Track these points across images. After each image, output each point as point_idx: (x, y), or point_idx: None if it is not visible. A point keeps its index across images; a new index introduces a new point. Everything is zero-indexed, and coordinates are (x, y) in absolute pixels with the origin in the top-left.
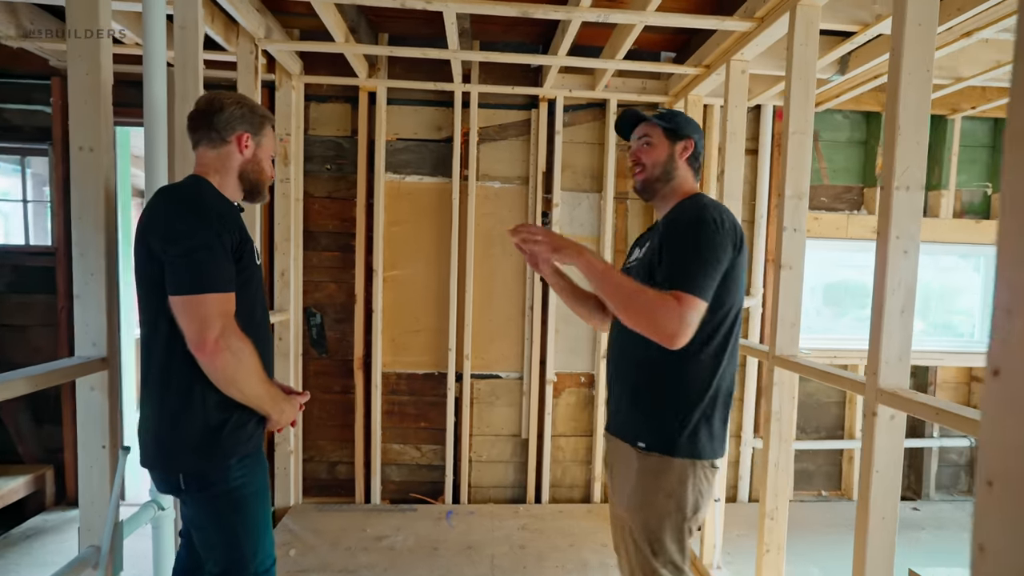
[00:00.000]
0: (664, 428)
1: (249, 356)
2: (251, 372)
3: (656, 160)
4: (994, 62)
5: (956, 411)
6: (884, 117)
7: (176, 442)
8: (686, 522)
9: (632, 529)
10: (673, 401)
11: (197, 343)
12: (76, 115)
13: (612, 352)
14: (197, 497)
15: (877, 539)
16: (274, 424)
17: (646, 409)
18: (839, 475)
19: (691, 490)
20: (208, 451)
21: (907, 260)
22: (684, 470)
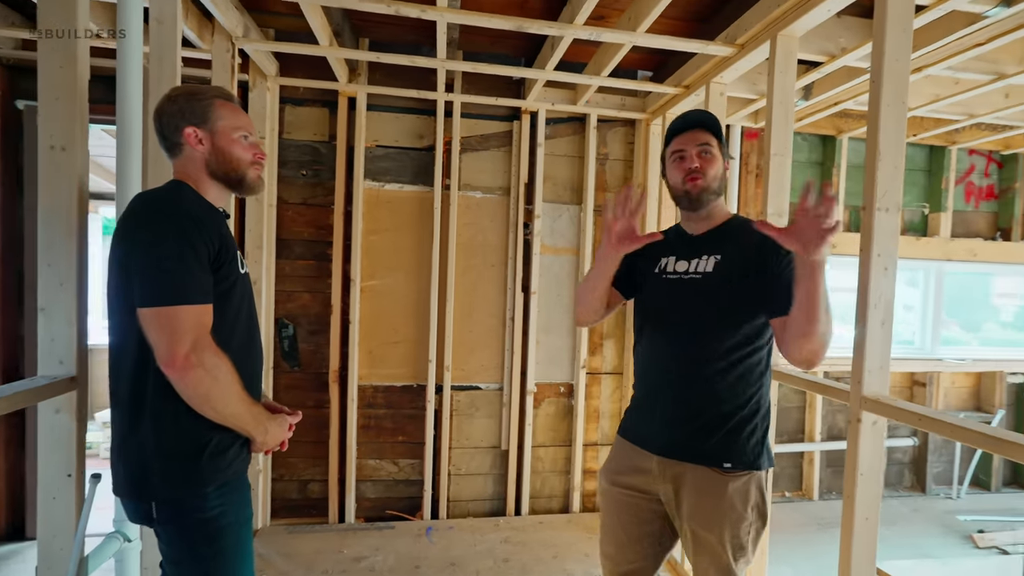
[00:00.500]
0: (747, 447)
1: (226, 373)
2: (227, 390)
3: (716, 172)
4: (933, 95)
5: (938, 417)
6: (866, 144)
7: (149, 467)
8: (765, 525)
9: (710, 542)
10: (750, 420)
11: (166, 359)
12: (47, 111)
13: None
14: (169, 528)
15: (862, 538)
16: (259, 446)
17: (729, 431)
18: (800, 476)
19: (767, 497)
20: (184, 478)
21: (887, 276)
22: (761, 481)
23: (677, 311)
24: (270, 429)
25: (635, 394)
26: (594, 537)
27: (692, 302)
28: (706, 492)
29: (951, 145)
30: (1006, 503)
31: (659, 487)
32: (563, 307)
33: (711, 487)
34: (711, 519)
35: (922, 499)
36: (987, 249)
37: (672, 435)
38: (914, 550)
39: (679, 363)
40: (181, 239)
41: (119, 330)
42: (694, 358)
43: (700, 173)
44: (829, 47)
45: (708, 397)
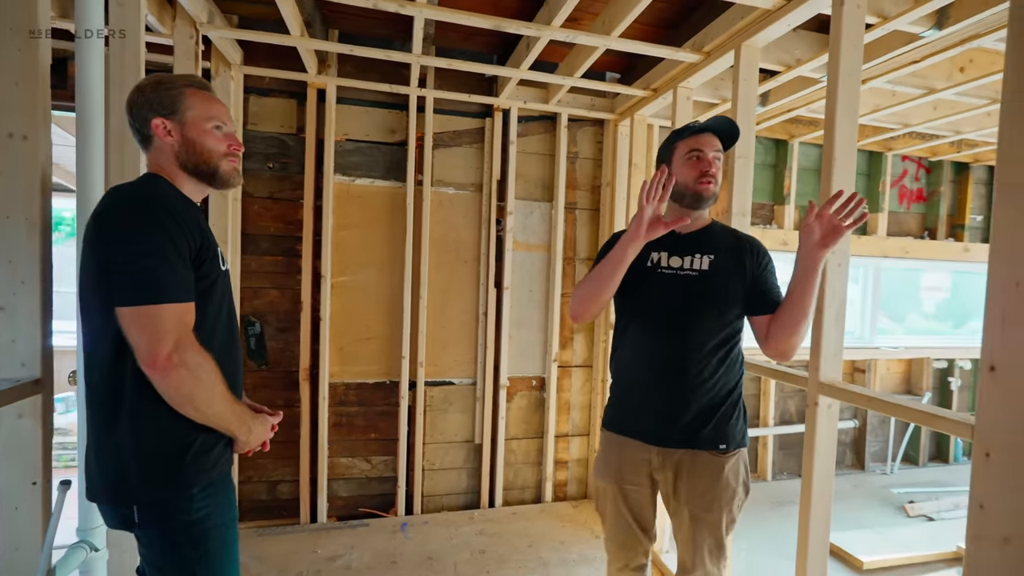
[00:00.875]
0: (735, 429)
1: (209, 372)
2: (211, 390)
3: (720, 179)
4: (873, 106)
5: (885, 398)
6: (823, 150)
7: (128, 470)
8: (747, 497)
9: (709, 521)
10: (736, 404)
11: (147, 359)
12: (5, 97)
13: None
14: (151, 532)
15: (818, 510)
16: (242, 446)
17: (721, 417)
18: (755, 459)
19: (749, 471)
20: (167, 479)
21: (840, 273)
22: (745, 457)
23: (671, 306)
24: (253, 428)
25: (619, 387)
26: (567, 526)
27: (686, 298)
28: (704, 475)
29: (887, 151)
30: (932, 476)
31: (659, 475)
32: (535, 302)
33: (709, 470)
34: (711, 501)
35: (861, 475)
36: (917, 247)
37: (670, 425)
38: (855, 522)
39: (672, 355)
40: (161, 235)
41: (93, 329)
42: (688, 351)
43: (713, 178)
44: (785, 58)
45: (701, 387)
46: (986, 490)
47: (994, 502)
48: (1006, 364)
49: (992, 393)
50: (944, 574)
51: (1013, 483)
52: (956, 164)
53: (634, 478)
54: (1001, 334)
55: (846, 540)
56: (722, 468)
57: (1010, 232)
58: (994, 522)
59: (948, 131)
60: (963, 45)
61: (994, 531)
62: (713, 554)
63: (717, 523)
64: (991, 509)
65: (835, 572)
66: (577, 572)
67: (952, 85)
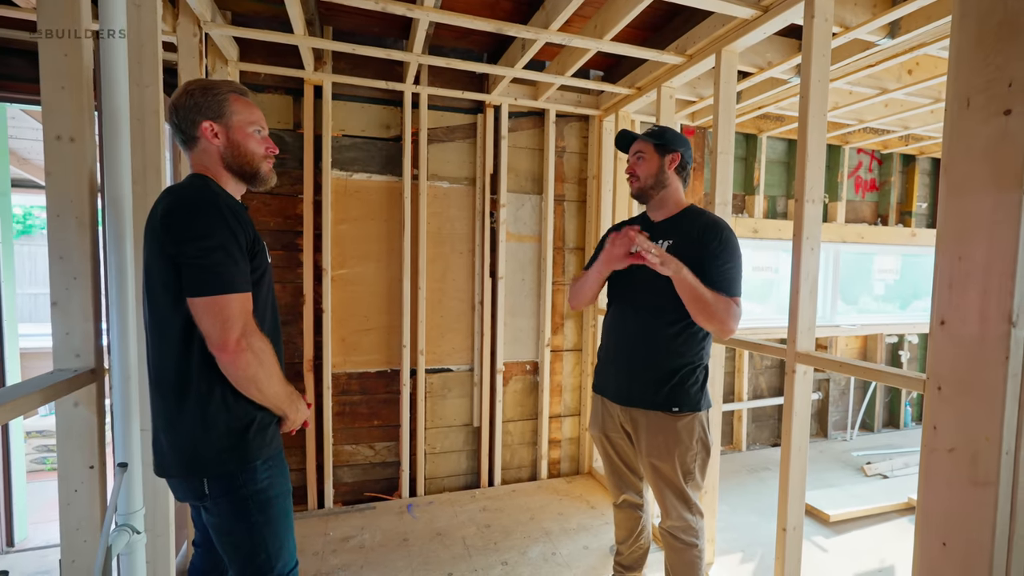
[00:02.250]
0: (690, 393)
1: (269, 356)
2: (271, 372)
3: (648, 172)
4: (833, 104)
5: (853, 363)
6: (796, 149)
7: (201, 446)
8: (708, 455)
9: (665, 470)
10: (693, 373)
11: (219, 344)
12: (52, 101)
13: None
14: (221, 501)
15: (796, 464)
16: (290, 424)
17: (676, 383)
18: (731, 432)
19: (709, 432)
20: (235, 453)
21: (812, 256)
22: (703, 420)
23: (634, 286)
24: (300, 409)
25: (599, 355)
26: (564, 499)
27: (645, 280)
28: (660, 431)
29: (845, 145)
30: (885, 440)
31: (627, 427)
32: (527, 291)
33: (663, 426)
34: (664, 452)
35: (825, 443)
36: (871, 232)
37: (630, 389)
38: (821, 482)
39: (633, 330)
40: (225, 231)
41: (162, 320)
42: (644, 326)
43: (636, 176)
44: (758, 61)
45: (655, 357)
46: (937, 415)
47: (943, 423)
48: (952, 318)
49: (942, 341)
50: (898, 521)
51: (957, 408)
52: (904, 156)
53: (613, 427)
54: (948, 295)
55: (814, 498)
56: (674, 425)
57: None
58: (943, 438)
59: (898, 127)
60: (912, 52)
61: (943, 444)
62: (677, 504)
63: (672, 472)
64: (941, 429)
65: (806, 526)
66: (578, 539)
67: (902, 86)
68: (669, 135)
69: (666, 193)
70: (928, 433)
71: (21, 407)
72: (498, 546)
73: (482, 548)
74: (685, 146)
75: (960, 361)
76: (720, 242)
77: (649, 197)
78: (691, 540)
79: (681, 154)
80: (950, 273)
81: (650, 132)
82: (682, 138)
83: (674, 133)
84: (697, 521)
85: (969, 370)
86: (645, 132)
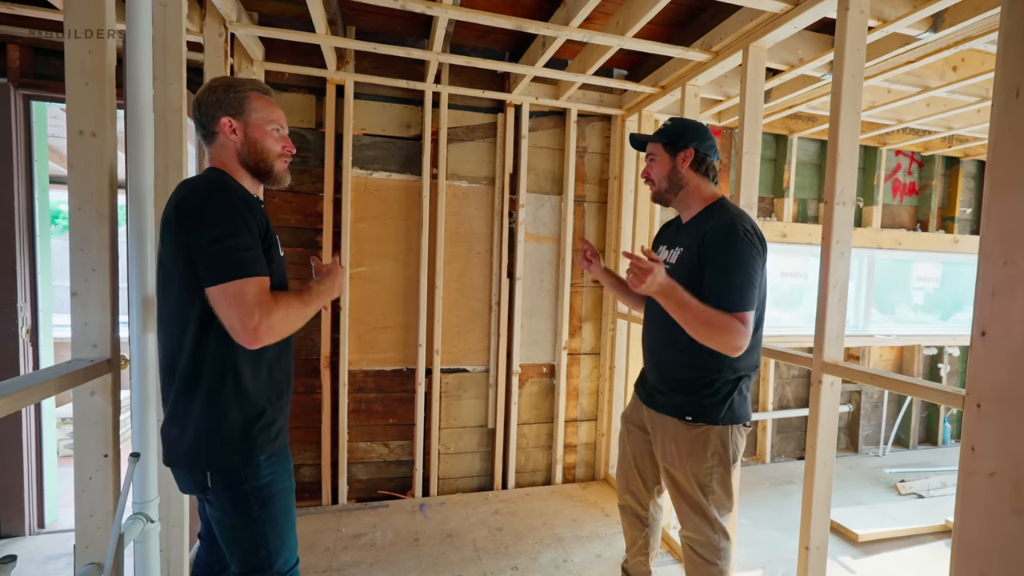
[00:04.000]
0: (705, 404)
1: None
2: (298, 319)
3: (660, 174)
4: (869, 103)
5: (885, 375)
6: (827, 148)
7: (205, 439)
8: (728, 472)
9: (678, 478)
10: (711, 384)
11: (240, 333)
12: (76, 97)
13: (653, 345)
14: (223, 495)
15: (821, 480)
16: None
17: (692, 392)
18: (755, 443)
19: (729, 447)
20: (238, 447)
21: (843, 260)
22: (723, 433)
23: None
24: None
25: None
26: (578, 505)
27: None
28: (673, 438)
29: (882, 146)
30: (921, 457)
31: (648, 427)
32: (545, 292)
33: (677, 434)
34: (676, 460)
35: (855, 457)
36: (909, 238)
37: (651, 392)
38: (850, 499)
39: (656, 337)
40: (237, 218)
41: (177, 311)
42: (662, 334)
43: (650, 180)
44: (789, 57)
45: (675, 365)
46: (977, 435)
47: (983, 444)
48: (994, 329)
49: (982, 354)
50: (934, 545)
51: (999, 428)
52: (947, 158)
53: (636, 422)
54: (991, 305)
55: (842, 515)
56: (687, 435)
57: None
58: (982, 460)
59: (940, 127)
60: (956, 47)
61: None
62: (694, 516)
63: (686, 482)
64: (980, 450)
65: (832, 545)
66: (590, 547)
67: (945, 84)
68: (676, 131)
69: (686, 193)
70: (966, 454)
71: (39, 393)
72: (509, 550)
73: (493, 551)
74: (699, 139)
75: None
76: (722, 248)
77: (668, 200)
78: (711, 558)
79: (695, 149)
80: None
81: (659, 131)
82: (694, 130)
83: (683, 127)
84: (719, 540)
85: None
86: (655, 132)
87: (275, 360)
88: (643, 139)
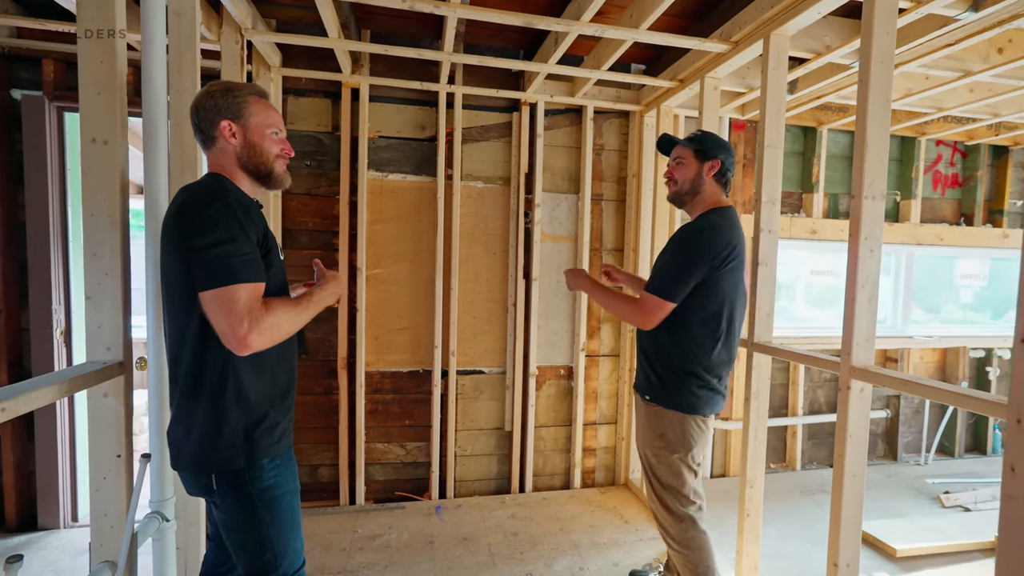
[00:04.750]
0: (662, 388)
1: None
2: (290, 325)
3: (685, 177)
4: (906, 90)
5: (918, 381)
6: (855, 138)
7: (208, 443)
8: (675, 457)
9: (642, 453)
10: (675, 372)
11: (230, 340)
12: (89, 106)
13: (638, 334)
14: (228, 497)
15: (850, 493)
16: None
17: (651, 375)
18: (784, 449)
19: (681, 434)
20: (241, 451)
21: (872, 258)
22: (673, 418)
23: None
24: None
25: None
26: (596, 510)
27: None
28: (637, 416)
29: (921, 136)
30: (968, 467)
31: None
32: (563, 293)
33: (639, 412)
34: (638, 436)
35: (894, 466)
36: (952, 234)
37: (637, 375)
38: (888, 511)
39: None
40: (233, 224)
41: (179, 317)
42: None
43: (673, 181)
44: (815, 45)
45: (647, 352)
46: (1018, 454)
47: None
48: None
49: None
50: (983, 563)
51: None
52: (994, 148)
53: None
54: None
55: (879, 528)
56: (644, 413)
57: None
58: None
59: (986, 114)
60: (1001, 26)
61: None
62: (655, 491)
63: (645, 456)
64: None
65: (868, 560)
66: (608, 554)
67: (989, 67)
68: (710, 141)
69: (701, 198)
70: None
71: (54, 394)
72: (524, 556)
73: (507, 557)
74: (727, 153)
75: None
76: (673, 243)
77: (684, 202)
78: (673, 544)
79: (722, 161)
80: None
81: (691, 137)
82: (724, 145)
83: (716, 139)
84: (674, 525)
85: None
86: (687, 137)
87: (277, 362)
88: (675, 142)
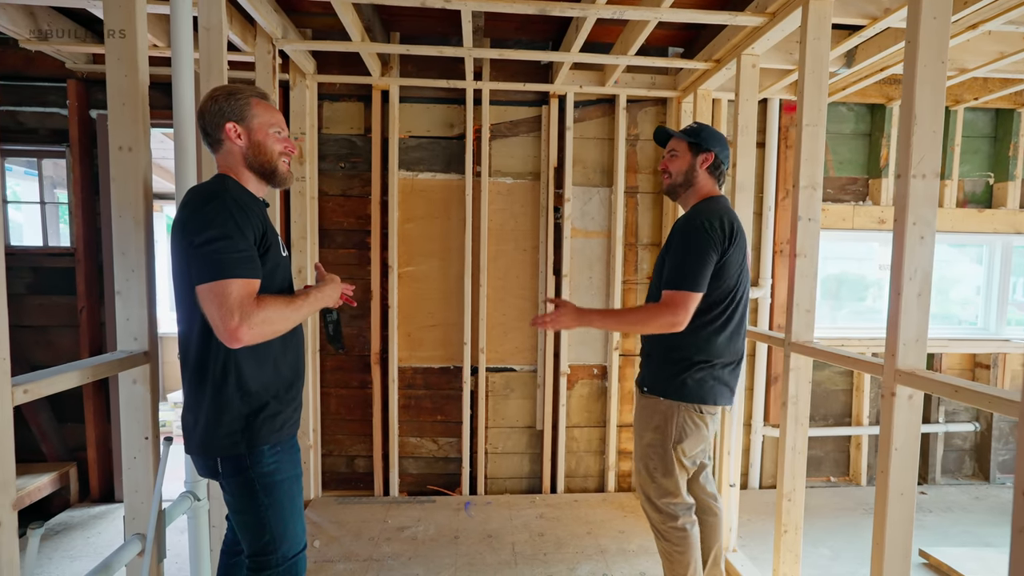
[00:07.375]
0: (660, 379)
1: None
2: (281, 322)
3: (679, 169)
4: (997, 53)
5: (974, 388)
6: (900, 107)
7: (213, 428)
8: (665, 447)
9: (635, 445)
10: (674, 363)
11: (222, 333)
12: (115, 116)
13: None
14: (231, 481)
15: (896, 514)
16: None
17: (654, 368)
18: (847, 461)
19: (674, 423)
20: (242, 437)
21: (923, 246)
22: (669, 409)
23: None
24: (327, 293)
25: None
26: (629, 516)
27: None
28: (636, 407)
29: (1020, 108)
30: None
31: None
32: (595, 289)
33: (637, 403)
34: (636, 427)
35: (985, 487)
36: None
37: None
38: (972, 538)
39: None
40: (229, 221)
41: (186, 311)
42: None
43: (668, 173)
44: (870, 8)
45: (649, 345)
46: None
47: None
48: None
49: None
50: None
51: None
52: None
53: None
54: None
55: (956, 557)
56: (640, 404)
57: None
58: None
59: None
60: None
61: None
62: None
63: (637, 447)
64: None
65: None
66: (636, 562)
67: None
68: (705, 134)
69: (694, 191)
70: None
71: (90, 375)
72: (547, 558)
73: (530, 557)
74: (721, 146)
75: None
76: (676, 239)
77: (678, 194)
78: (657, 529)
79: (716, 154)
80: None
81: (686, 130)
82: (719, 138)
83: (711, 132)
84: (663, 521)
85: None
86: (682, 129)
87: (280, 354)
88: (671, 134)
